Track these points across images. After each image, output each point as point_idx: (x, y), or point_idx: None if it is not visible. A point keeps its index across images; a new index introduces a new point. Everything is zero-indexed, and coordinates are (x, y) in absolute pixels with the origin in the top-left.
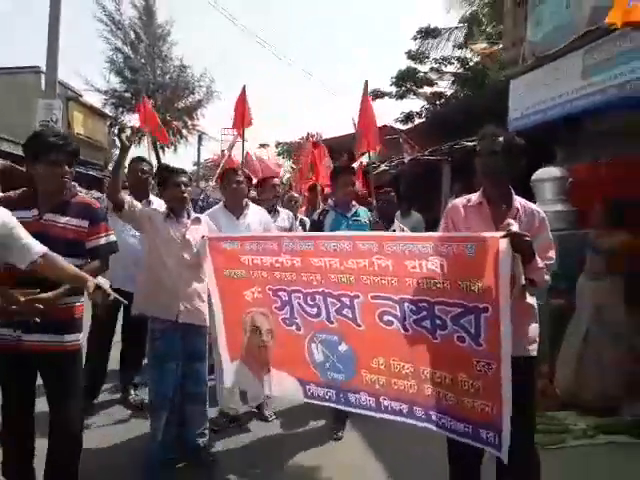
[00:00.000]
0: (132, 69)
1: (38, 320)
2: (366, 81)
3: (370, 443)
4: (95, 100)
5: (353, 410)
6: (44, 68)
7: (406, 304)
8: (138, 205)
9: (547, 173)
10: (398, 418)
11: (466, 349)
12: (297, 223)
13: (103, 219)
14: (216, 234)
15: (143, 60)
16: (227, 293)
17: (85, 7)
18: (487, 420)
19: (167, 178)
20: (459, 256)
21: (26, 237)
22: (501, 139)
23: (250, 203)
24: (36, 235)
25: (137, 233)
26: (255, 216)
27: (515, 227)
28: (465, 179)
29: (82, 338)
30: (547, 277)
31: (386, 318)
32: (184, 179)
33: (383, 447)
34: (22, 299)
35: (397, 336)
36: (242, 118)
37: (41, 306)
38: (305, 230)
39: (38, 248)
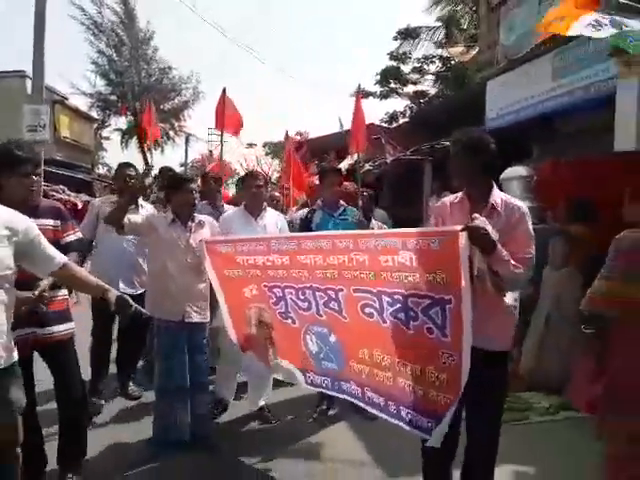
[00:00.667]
0: (117, 72)
1: (45, 309)
2: (359, 84)
3: (361, 434)
4: (81, 103)
5: (347, 398)
6: (29, 72)
7: (383, 296)
8: (137, 218)
9: (514, 172)
10: (375, 411)
11: (434, 340)
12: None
13: (71, 219)
14: (212, 238)
15: (127, 63)
16: (229, 291)
17: (68, 9)
18: (443, 409)
19: (179, 185)
20: (425, 250)
21: (47, 247)
22: (464, 141)
23: (268, 207)
24: None
25: (130, 237)
26: (272, 218)
27: (479, 221)
28: (445, 178)
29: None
30: (518, 270)
31: (367, 310)
32: (193, 186)
33: (372, 438)
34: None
35: (377, 328)
36: (222, 120)
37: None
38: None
39: (59, 259)
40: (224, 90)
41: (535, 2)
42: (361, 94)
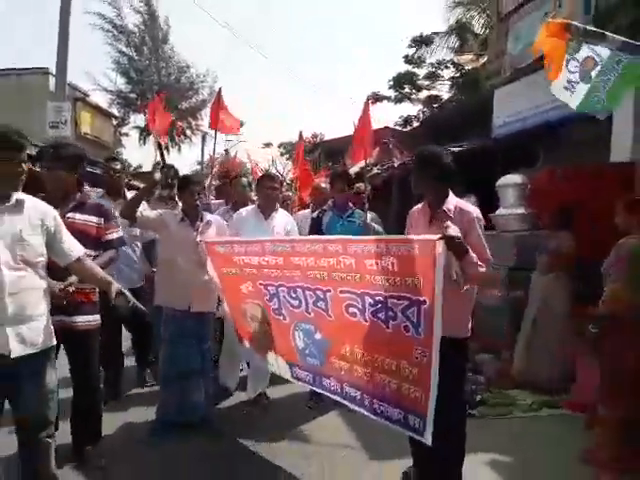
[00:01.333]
0: (137, 70)
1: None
2: (368, 96)
3: (351, 419)
4: (101, 100)
5: (327, 394)
6: (52, 69)
7: (366, 297)
8: (151, 214)
9: (509, 180)
10: (352, 405)
11: (410, 338)
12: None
13: (114, 218)
14: (210, 239)
15: (147, 61)
16: (227, 287)
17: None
18: (416, 406)
19: (184, 185)
20: (406, 255)
21: (68, 240)
22: (418, 156)
23: (280, 209)
24: None
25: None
26: (281, 220)
27: (452, 229)
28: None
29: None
30: (483, 269)
31: (351, 310)
32: (199, 188)
33: (361, 423)
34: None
35: (359, 326)
36: (216, 120)
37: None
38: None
39: (76, 253)
40: (219, 90)
41: (541, 14)
42: (375, 98)
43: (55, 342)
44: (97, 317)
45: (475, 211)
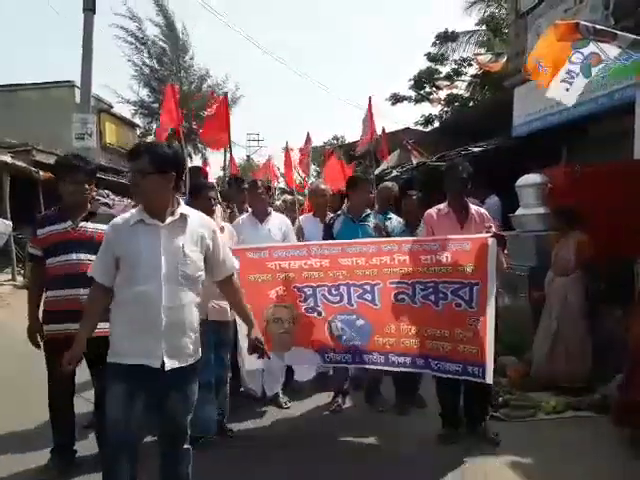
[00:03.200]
0: (158, 80)
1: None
2: (370, 96)
3: (370, 421)
4: (125, 110)
5: (368, 367)
6: (77, 82)
7: (417, 285)
8: None
9: (529, 179)
10: (402, 369)
11: (462, 311)
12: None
13: None
14: (241, 246)
15: (168, 72)
16: (250, 294)
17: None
18: (475, 359)
19: (198, 191)
20: (459, 250)
21: (225, 253)
22: (458, 170)
23: (273, 211)
24: (73, 240)
25: None
26: (276, 221)
27: (493, 228)
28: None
29: None
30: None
31: (400, 297)
32: (213, 194)
33: (378, 425)
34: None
35: (407, 308)
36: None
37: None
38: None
39: (230, 268)
40: (226, 95)
41: (561, 10)
42: (396, 99)
43: (200, 356)
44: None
45: (485, 213)
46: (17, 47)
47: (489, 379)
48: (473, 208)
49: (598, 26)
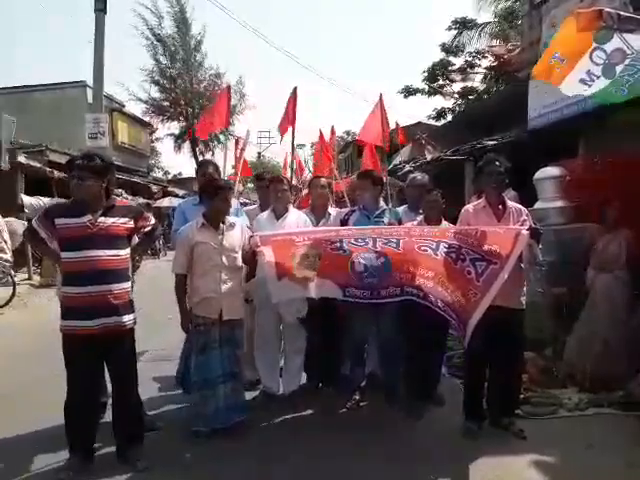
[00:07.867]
0: (170, 78)
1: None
2: (380, 94)
3: (386, 420)
4: (136, 109)
5: (383, 300)
6: (89, 82)
7: (442, 243)
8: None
9: (547, 172)
10: (414, 298)
11: (469, 280)
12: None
13: (143, 211)
14: (268, 232)
15: (180, 71)
16: (278, 247)
17: (122, 22)
18: (460, 318)
19: (215, 192)
20: (492, 232)
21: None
22: (500, 170)
23: (292, 208)
24: (92, 235)
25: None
26: (293, 217)
27: (529, 222)
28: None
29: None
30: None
31: (423, 248)
32: (230, 193)
33: (393, 423)
34: None
35: (428, 256)
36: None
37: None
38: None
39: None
40: (228, 87)
41: (577, 0)
42: (408, 92)
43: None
44: (133, 316)
45: (523, 208)
46: (30, 48)
47: (465, 341)
48: (510, 203)
49: (623, 13)
